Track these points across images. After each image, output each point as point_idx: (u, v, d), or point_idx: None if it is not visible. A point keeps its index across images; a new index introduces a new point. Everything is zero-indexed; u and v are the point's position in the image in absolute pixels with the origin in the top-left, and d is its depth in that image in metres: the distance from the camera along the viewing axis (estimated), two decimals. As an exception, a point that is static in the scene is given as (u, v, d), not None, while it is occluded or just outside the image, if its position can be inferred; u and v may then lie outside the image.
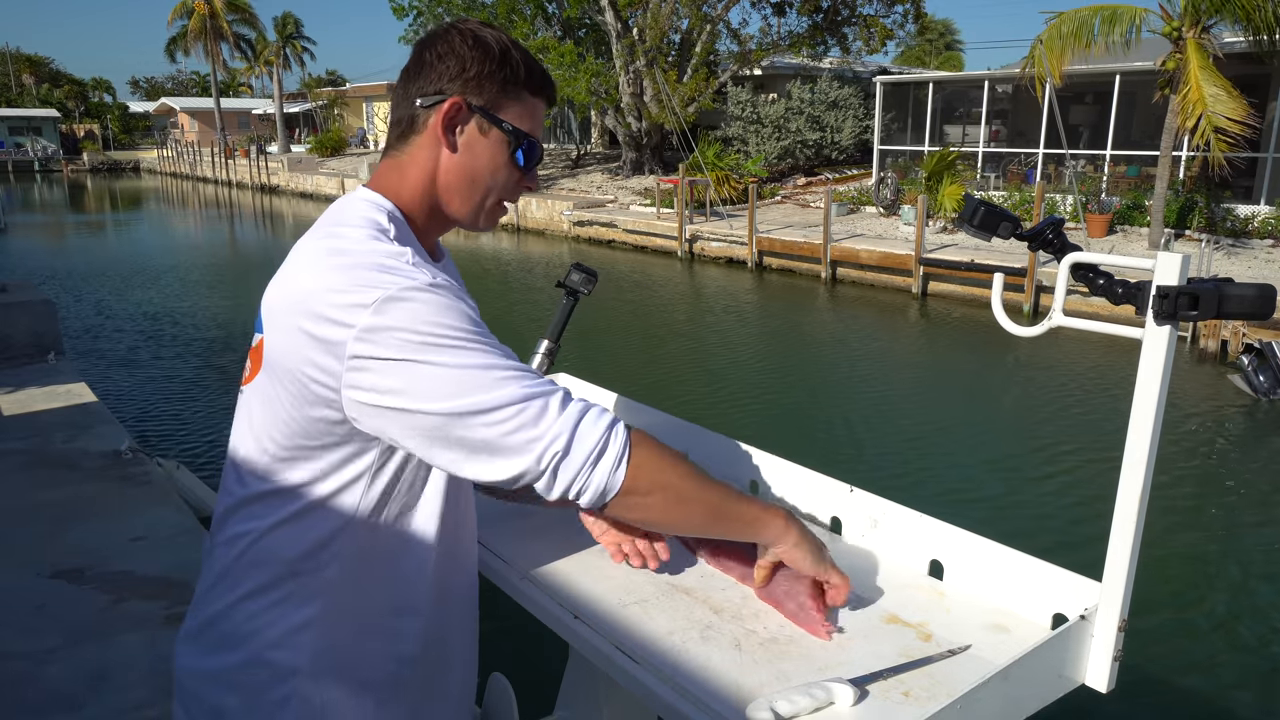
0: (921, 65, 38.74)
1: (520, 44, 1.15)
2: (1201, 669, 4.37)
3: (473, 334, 0.98)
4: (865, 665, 1.10)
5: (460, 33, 1.12)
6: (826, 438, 7.55)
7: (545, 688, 1.59)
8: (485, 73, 1.11)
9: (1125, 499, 1.10)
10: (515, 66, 1.12)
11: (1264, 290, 1.01)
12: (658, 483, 1.03)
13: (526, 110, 1.15)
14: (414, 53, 1.14)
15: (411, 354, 0.95)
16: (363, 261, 0.99)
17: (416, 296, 0.96)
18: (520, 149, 1.14)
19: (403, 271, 0.98)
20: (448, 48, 1.11)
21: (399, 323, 0.95)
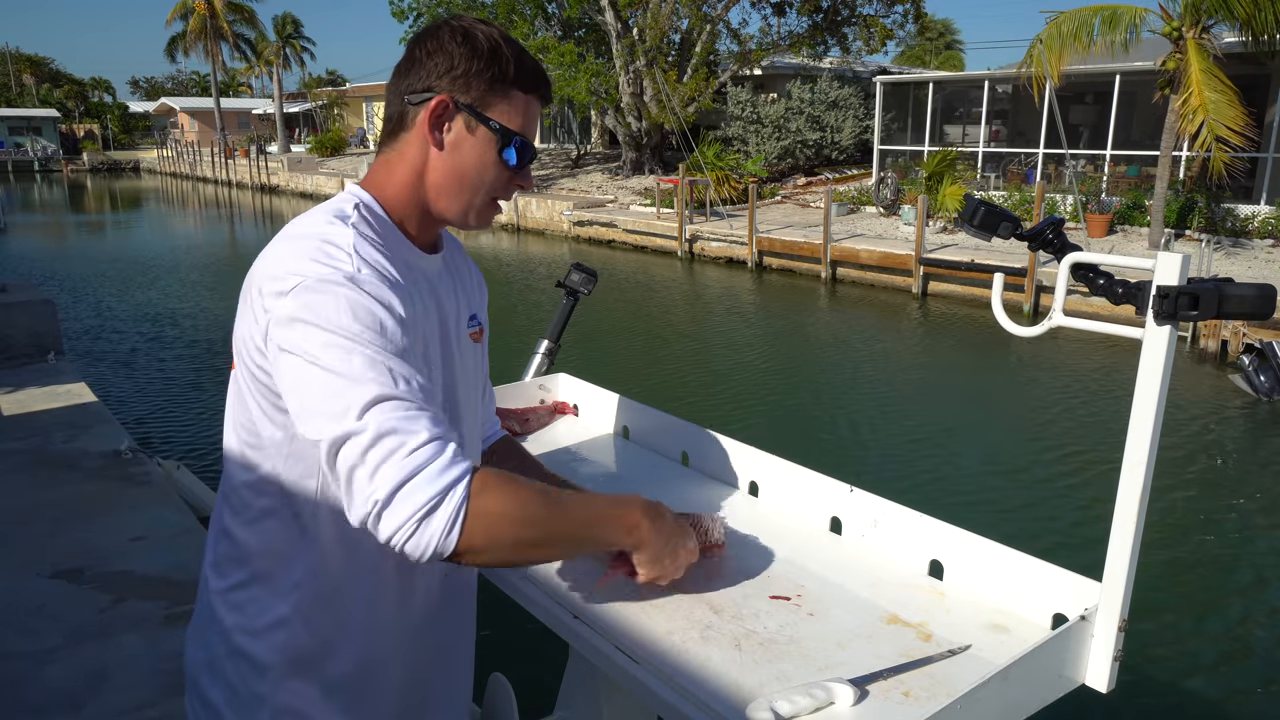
0: (921, 65, 38.75)
1: (514, 41, 1.13)
2: (1202, 669, 4.37)
3: (367, 339, 0.94)
4: (865, 665, 1.10)
5: (451, 29, 1.11)
6: (826, 438, 7.55)
7: (545, 688, 1.59)
8: (473, 70, 1.09)
9: (1125, 499, 1.10)
10: (504, 64, 1.10)
11: (1264, 290, 1.01)
12: (498, 540, 0.95)
13: (516, 108, 1.12)
14: (406, 49, 1.13)
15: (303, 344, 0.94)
16: (298, 247, 1.00)
17: (328, 289, 0.95)
18: (509, 148, 1.12)
19: (330, 260, 0.97)
20: (437, 44, 1.10)
21: (304, 312, 0.94)
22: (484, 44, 1.10)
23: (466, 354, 1.25)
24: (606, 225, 19.03)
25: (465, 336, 1.25)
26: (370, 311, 0.96)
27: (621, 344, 10.81)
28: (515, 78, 1.11)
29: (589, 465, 1.79)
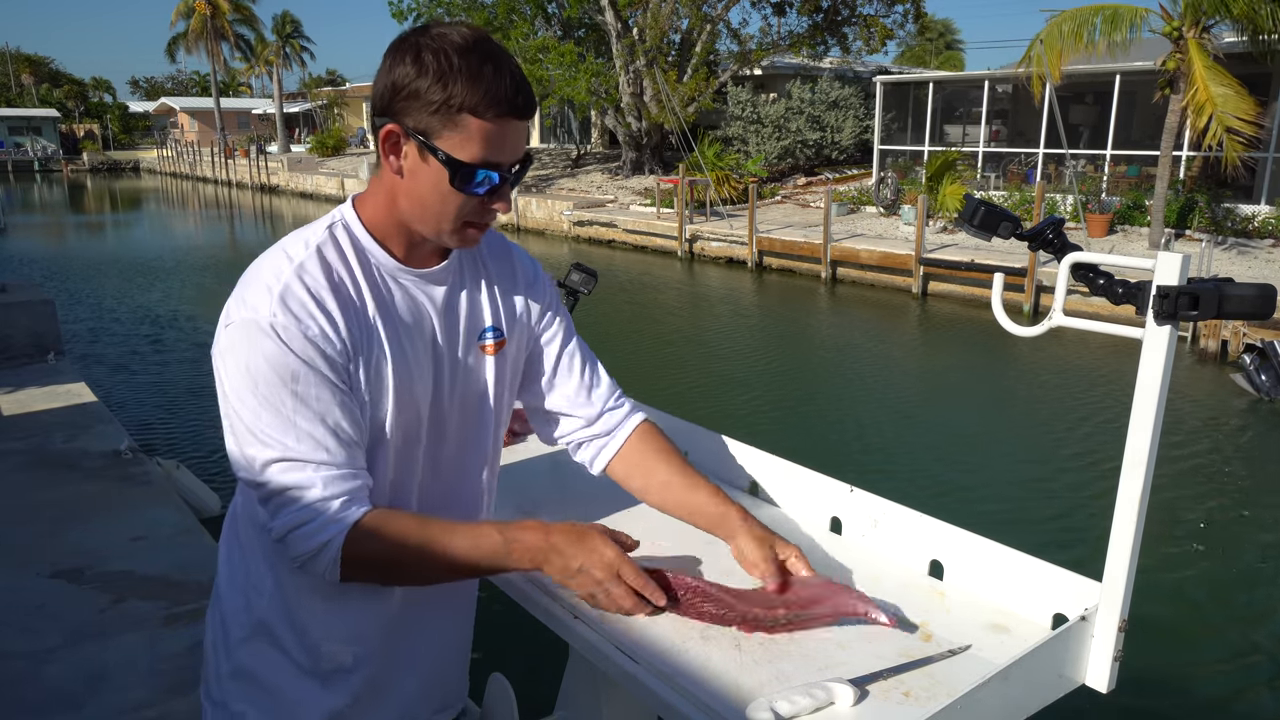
0: (921, 65, 38.74)
1: (480, 52, 1.03)
2: (1202, 669, 4.37)
3: (273, 388, 1.03)
4: (865, 665, 1.09)
5: (405, 47, 1.04)
6: (826, 438, 7.54)
7: (545, 688, 1.59)
8: (419, 95, 1.03)
9: (1125, 499, 1.10)
10: (452, 88, 1.02)
11: (1264, 290, 1.01)
12: (373, 576, 1.12)
13: (470, 135, 1.04)
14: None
15: (227, 385, 1.07)
16: (248, 282, 1.07)
17: (242, 332, 1.04)
18: (458, 178, 1.05)
19: (257, 307, 1.04)
20: (390, 63, 1.05)
21: (227, 351, 1.06)
22: (430, 65, 1.02)
23: (473, 366, 1.23)
24: (606, 225, 19.03)
25: (474, 349, 1.22)
26: (284, 364, 1.03)
27: (621, 344, 10.81)
28: (466, 103, 1.02)
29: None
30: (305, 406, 1.04)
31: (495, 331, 1.25)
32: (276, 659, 1.18)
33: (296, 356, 1.03)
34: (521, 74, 1.07)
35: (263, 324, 1.03)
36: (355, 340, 1.08)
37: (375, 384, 1.11)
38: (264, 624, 1.18)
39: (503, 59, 1.05)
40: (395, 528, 1.09)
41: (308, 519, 1.05)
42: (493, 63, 1.04)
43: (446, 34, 1.04)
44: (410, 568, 1.11)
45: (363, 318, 1.09)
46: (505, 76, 1.04)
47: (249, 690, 1.20)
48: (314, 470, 1.05)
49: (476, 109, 1.03)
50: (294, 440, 1.04)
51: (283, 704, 1.19)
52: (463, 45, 1.03)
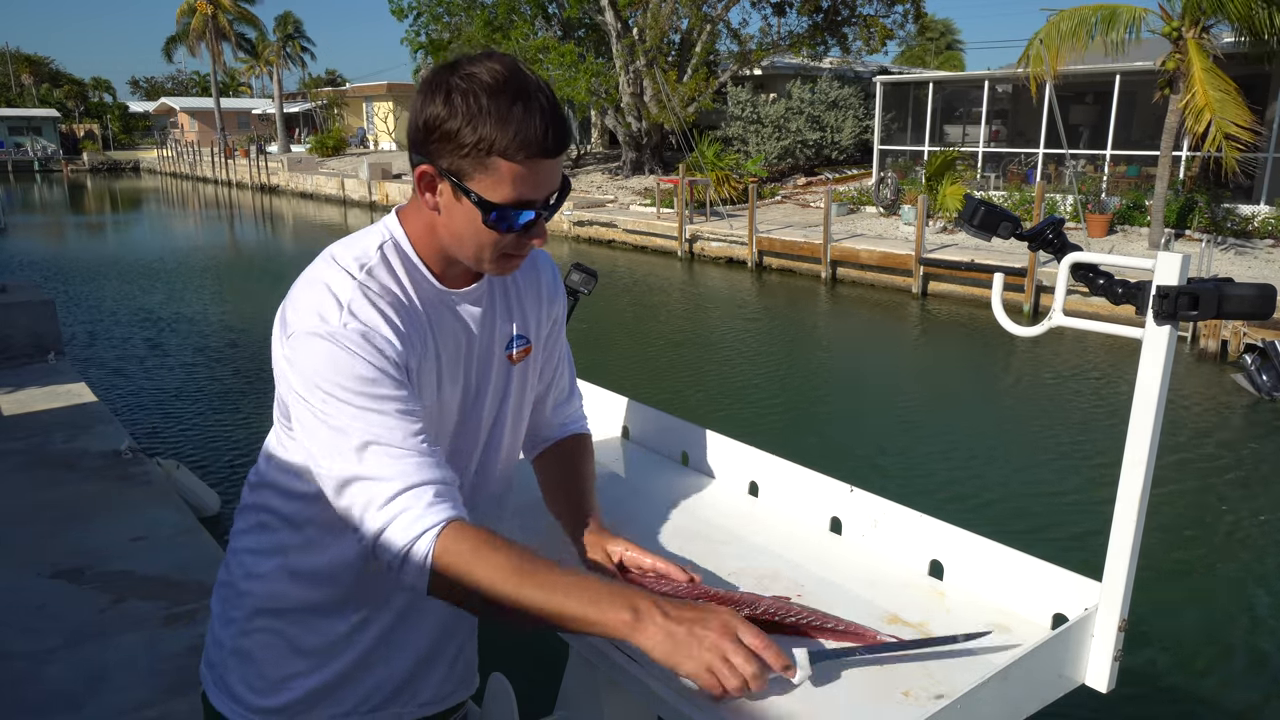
0: (921, 65, 38.73)
1: (510, 92, 1.03)
2: (1202, 669, 4.37)
3: (351, 392, 1.04)
4: (866, 665, 1.09)
5: (436, 86, 1.05)
6: (826, 438, 7.54)
7: (545, 688, 1.59)
8: (450, 137, 1.04)
9: (1125, 499, 1.10)
10: (481, 131, 1.02)
11: (1264, 290, 1.01)
12: (461, 592, 1.03)
13: (501, 178, 1.05)
14: None
15: (302, 391, 1.06)
16: (306, 293, 1.09)
17: (314, 342, 1.05)
18: (492, 218, 1.07)
19: (324, 311, 1.05)
20: (422, 101, 1.06)
21: (298, 360, 1.06)
22: (460, 108, 1.02)
23: (502, 376, 1.27)
24: (606, 225, 19.03)
25: (502, 359, 1.26)
26: (350, 366, 1.04)
27: (621, 344, 10.81)
28: (496, 146, 1.03)
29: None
30: (386, 403, 1.05)
31: (521, 340, 1.29)
32: (268, 637, 1.23)
33: (370, 364, 1.05)
34: (554, 108, 1.06)
35: (335, 334, 1.05)
36: (413, 354, 1.12)
37: (427, 395, 1.15)
38: (261, 602, 1.22)
39: (533, 96, 1.04)
40: (481, 548, 1.02)
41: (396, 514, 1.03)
42: (523, 101, 1.03)
43: (476, 73, 1.03)
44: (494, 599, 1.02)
45: (419, 333, 1.13)
46: (535, 116, 1.03)
47: (241, 663, 1.24)
48: (400, 452, 1.04)
49: (506, 152, 1.03)
50: (381, 429, 1.04)
51: (271, 678, 1.23)
52: (492, 85, 1.03)
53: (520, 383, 1.31)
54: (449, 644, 1.34)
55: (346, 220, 25.80)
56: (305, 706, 1.24)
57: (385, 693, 1.28)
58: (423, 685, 1.32)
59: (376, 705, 1.28)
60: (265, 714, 1.24)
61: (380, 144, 41.29)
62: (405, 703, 1.31)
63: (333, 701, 1.25)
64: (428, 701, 1.34)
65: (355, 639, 1.24)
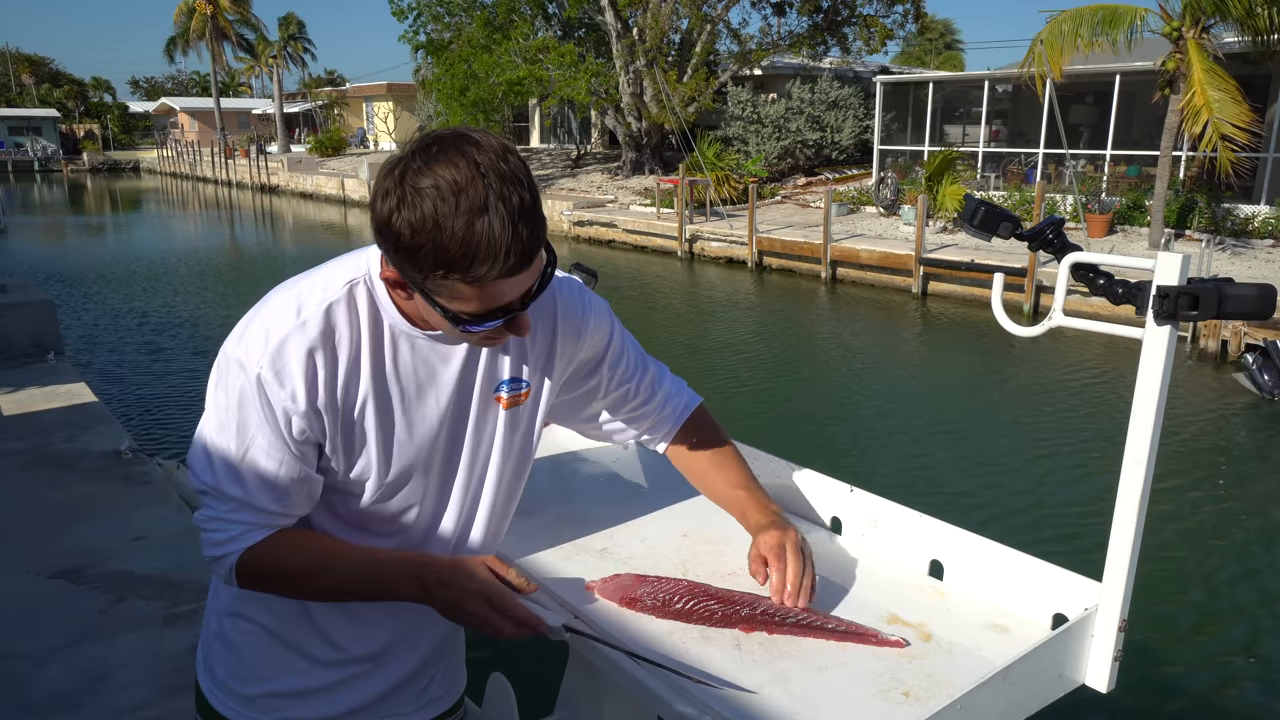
0: (921, 65, 38.72)
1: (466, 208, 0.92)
2: (1202, 669, 4.37)
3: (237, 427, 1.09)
4: (865, 665, 1.10)
5: (394, 187, 0.95)
6: (826, 438, 7.54)
7: (545, 688, 1.59)
8: (409, 258, 0.96)
9: (1125, 499, 1.10)
10: (441, 259, 0.94)
11: (1264, 290, 1.01)
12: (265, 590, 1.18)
13: (466, 297, 0.98)
14: None
15: (209, 401, 1.13)
16: (254, 317, 1.11)
17: (229, 368, 1.09)
18: (462, 326, 1.02)
19: (249, 343, 1.09)
20: (379, 201, 0.97)
21: (217, 376, 1.12)
22: (410, 227, 0.93)
23: (485, 419, 1.22)
24: (606, 225, 19.03)
25: (487, 401, 1.21)
26: (251, 411, 1.08)
27: (621, 344, 10.79)
28: (453, 271, 0.95)
29: (589, 466, 1.79)
30: (258, 453, 1.10)
31: (514, 383, 1.22)
32: (252, 627, 1.24)
33: (268, 411, 1.08)
34: (518, 217, 0.95)
35: (249, 370, 1.08)
36: (340, 402, 1.11)
37: (360, 440, 1.14)
38: (248, 596, 1.23)
39: (492, 209, 0.93)
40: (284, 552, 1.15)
41: (215, 531, 1.14)
42: (481, 218, 0.93)
43: (424, 188, 0.93)
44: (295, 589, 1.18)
45: (354, 380, 1.11)
46: (494, 235, 0.93)
47: (225, 649, 1.27)
48: (237, 505, 1.12)
49: (466, 277, 0.96)
50: (236, 475, 1.11)
51: (252, 666, 1.25)
52: (443, 202, 0.92)
53: (512, 428, 1.24)
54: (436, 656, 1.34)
55: (346, 220, 25.81)
56: (284, 699, 1.25)
57: (367, 695, 1.28)
58: (408, 690, 1.32)
59: (358, 706, 1.28)
60: (244, 701, 1.25)
61: (380, 144, 41.29)
62: (389, 708, 1.31)
63: (312, 698, 1.25)
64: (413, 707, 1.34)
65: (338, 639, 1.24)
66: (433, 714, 1.37)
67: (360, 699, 1.27)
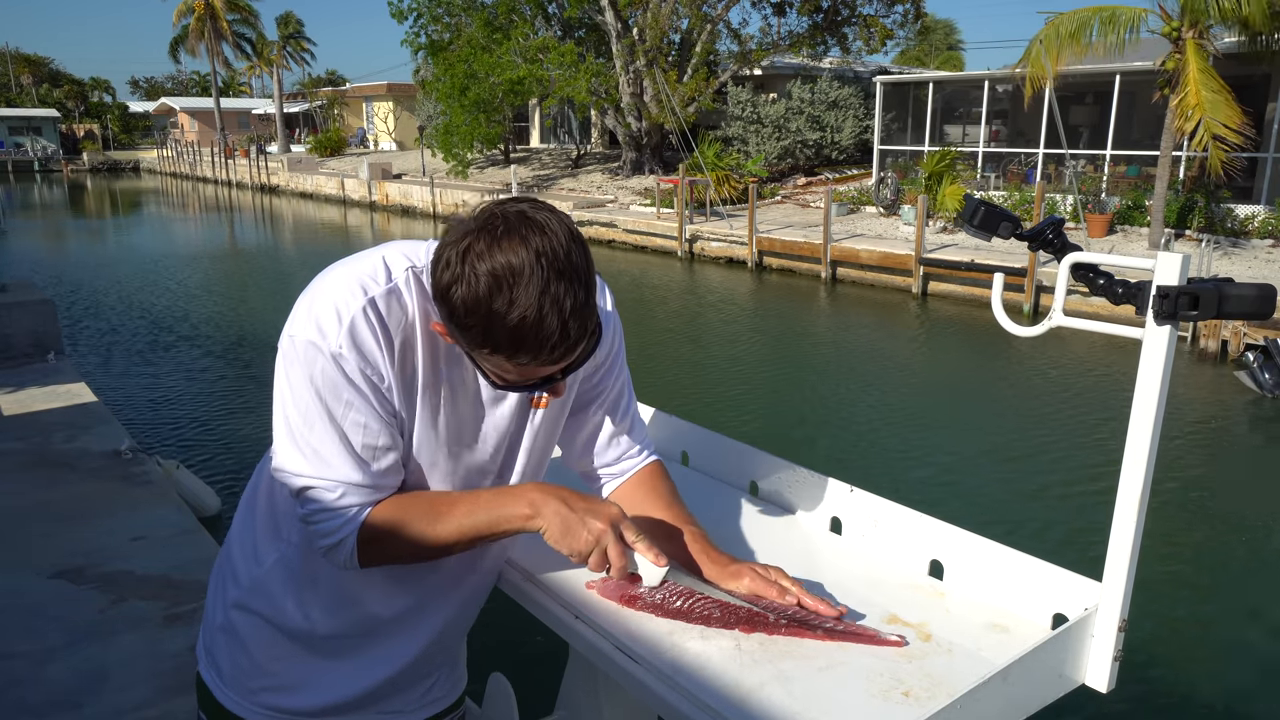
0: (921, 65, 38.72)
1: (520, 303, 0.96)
2: (1202, 669, 4.37)
3: (327, 408, 1.09)
4: (865, 665, 1.10)
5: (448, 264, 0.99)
6: (826, 438, 7.55)
7: (545, 688, 1.59)
8: (458, 328, 1.01)
9: (1125, 499, 1.10)
10: (488, 341, 0.99)
11: (1264, 290, 1.01)
12: (389, 558, 1.17)
13: (501, 366, 1.04)
14: None
15: (287, 390, 1.11)
16: (317, 297, 1.10)
17: (300, 349, 1.08)
18: (502, 388, 1.08)
19: (321, 323, 1.08)
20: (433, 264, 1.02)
21: (293, 363, 1.09)
22: (463, 304, 0.98)
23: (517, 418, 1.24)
24: (606, 225, 19.03)
25: (522, 401, 1.23)
26: (340, 390, 1.08)
27: (621, 344, 10.79)
28: (499, 350, 1.00)
29: (589, 465, 1.79)
30: (352, 429, 1.10)
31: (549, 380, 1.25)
32: (256, 620, 1.25)
33: (353, 386, 1.08)
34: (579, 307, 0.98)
35: (327, 350, 1.07)
36: (404, 382, 1.12)
37: (410, 421, 1.15)
38: (254, 588, 1.24)
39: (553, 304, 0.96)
40: (400, 512, 1.14)
41: (328, 519, 1.12)
42: (541, 311, 0.96)
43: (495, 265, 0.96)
44: (419, 544, 1.15)
45: (415, 366, 1.13)
46: (550, 331, 0.97)
47: (229, 641, 1.27)
48: (344, 488, 1.12)
49: (513, 361, 1.01)
50: (334, 457, 1.10)
51: (255, 659, 1.25)
52: (508, 284, 0.95)
53: (545, 425, 1.28)
54: (439, 653, 1.34)
55: (346, 220, 25.81)
56: (288, 691, 1.25)
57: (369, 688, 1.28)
58: (411, 688, 1.33)
59: (360, 695, 1.28)
60: (249, 693, 1.26)
61: (380, 144, 41.28)
62: (392, 703, 1.31)
63: (315, 688, 1.26)
64: (415, 705, 1.34)
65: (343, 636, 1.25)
66: (433, 712, 1.37)
67: (361, 689, 1.27)
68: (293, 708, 1.26)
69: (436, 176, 26.55)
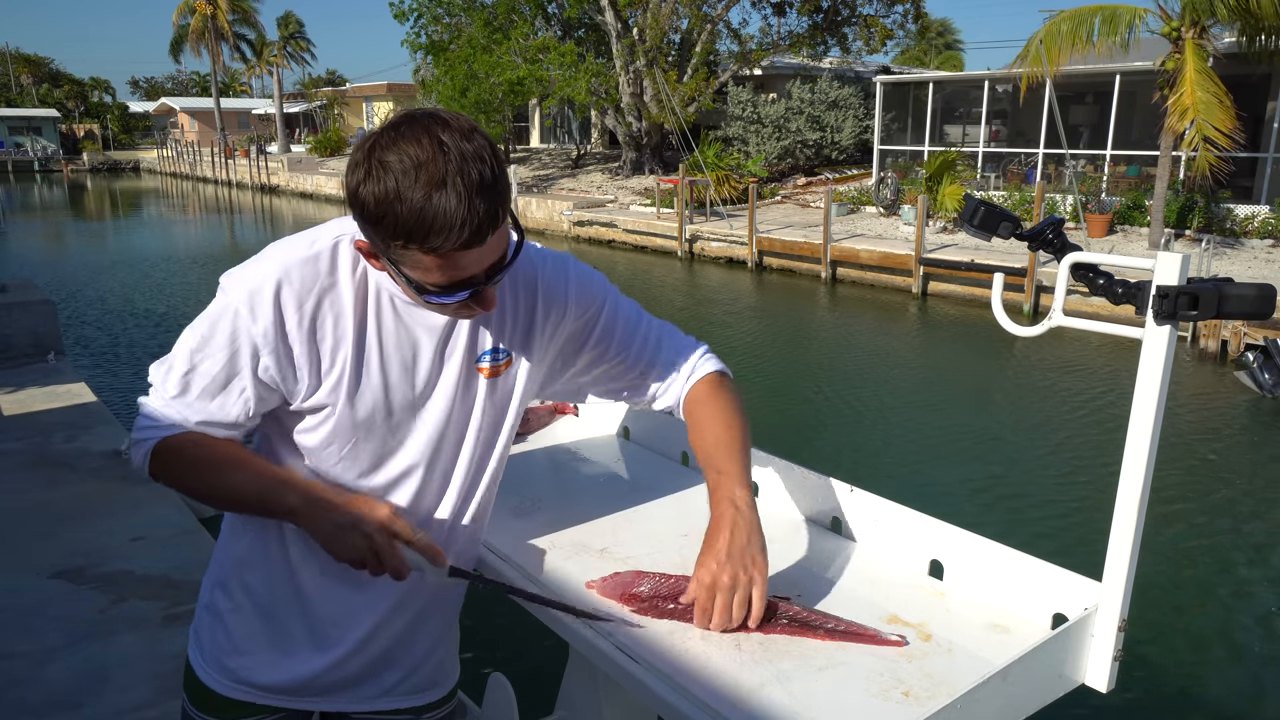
0: (921, 65, 38.70)
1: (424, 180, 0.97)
2: (1202, 669, 4.37)
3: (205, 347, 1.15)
4: (865, 665, 1.10)
5: (362, 161, 1.00)
6: (827, 438, 7.55)
7: (545, 688, 1.59)
8: (375, 225, 1.01)
9: (1125, 499, 1.10)
10: (400, 229, 0.99)
11: (1264, 290, 1.01)
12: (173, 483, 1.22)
13: (427, 267, 1.02)
14: None
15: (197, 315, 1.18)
16: (262, 255, 1.17)
17: (218, 293, 1.16)
18: (429, 298, 1.06)
19: (242, 275, 1.15)
20: (351, 171, 1.02)
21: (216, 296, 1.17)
22: (375, 196, 0.98)
23: (464, 387, 1.23)
24: (606, 225, 19.03)
25: (473, 372, 1.23)
26: (222, 338, 1.14)
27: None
28: (412, 240, 0.99)
29: (589, 465, 1.79)
30: (210, 367, 1.16)
31: (495, 354, 1.24)
32: (241, 601, 1.28)
33: (231, 337, 1.14)
34: (475, 193, 0.98)
35: (229, 299, 1.14)
36: (315, 340, 1.15)
37: (330, 392, 1.16)
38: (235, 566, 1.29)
39: (449, 184, 0.97)
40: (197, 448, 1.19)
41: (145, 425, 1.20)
42: (439, 191, 0.97)
43: (389, 161, 0.98)
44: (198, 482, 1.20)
45: (331, 322, 1.15)
46: (450, 208, 0.97)
47: (211, 619, 1.31)
48: (173, 406, 1.19)
49: (424, 247, 0.99)
50: (184, 380, 1.17)
51: (235, 637, 1.29)
52: (404, 173, 0.97)
53: (491, 397, 1.25)
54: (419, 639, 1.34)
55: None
56: (257, 669, 1.28)
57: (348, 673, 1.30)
58: (388, 674, 1.33)
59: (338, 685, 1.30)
60: (225, 671, 1.29)
61: (380, 144, 41.23)
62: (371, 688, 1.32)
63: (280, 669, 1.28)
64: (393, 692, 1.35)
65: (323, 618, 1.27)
66: (420, 702, 1.37)
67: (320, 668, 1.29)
68: (263, 683, 1.29)
69: (436, 176, 26.50)
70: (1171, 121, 11.47)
